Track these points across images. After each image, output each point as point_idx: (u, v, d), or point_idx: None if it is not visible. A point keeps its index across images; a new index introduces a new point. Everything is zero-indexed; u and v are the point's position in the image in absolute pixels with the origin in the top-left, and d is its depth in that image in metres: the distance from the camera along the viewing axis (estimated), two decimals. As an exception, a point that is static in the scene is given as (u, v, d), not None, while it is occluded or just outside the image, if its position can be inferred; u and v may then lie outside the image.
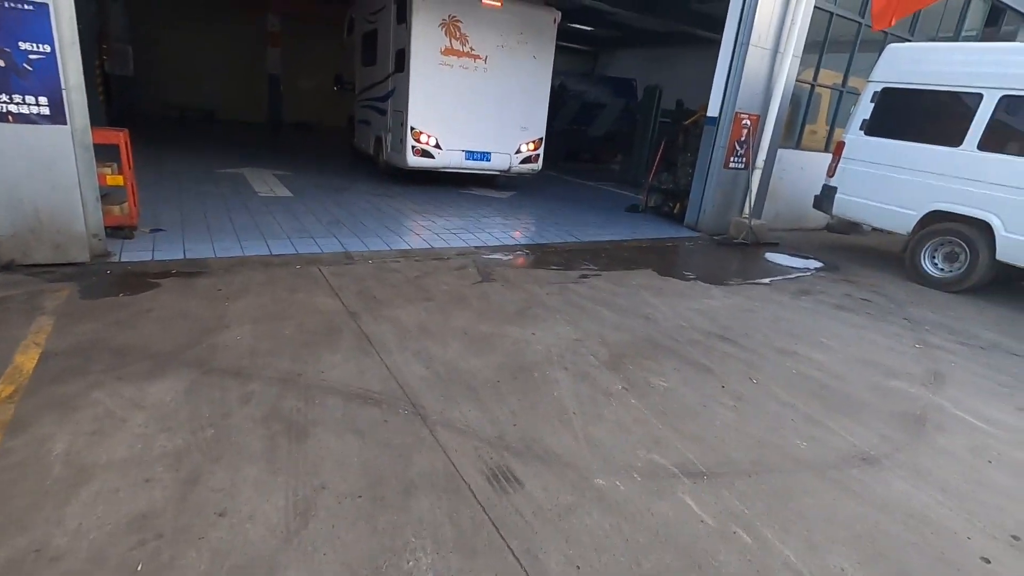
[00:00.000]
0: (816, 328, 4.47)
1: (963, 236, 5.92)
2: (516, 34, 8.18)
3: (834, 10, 8.04)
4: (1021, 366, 4.14)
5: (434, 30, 7.58)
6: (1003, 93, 5.63)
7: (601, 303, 4.46)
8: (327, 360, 3.07)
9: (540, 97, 8.79)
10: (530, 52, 8.41)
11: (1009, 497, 2.51)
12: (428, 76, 7.73)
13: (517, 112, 8.59)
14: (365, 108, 10.01)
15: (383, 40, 8.64)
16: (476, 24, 7.84)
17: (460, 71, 7.94)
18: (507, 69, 8.27)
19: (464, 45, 7.84)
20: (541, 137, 8.99)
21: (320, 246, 5.11)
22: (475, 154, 8.39)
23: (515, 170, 8.90)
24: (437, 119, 7.93)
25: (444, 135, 8.03)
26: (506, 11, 8.00)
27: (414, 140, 7.85)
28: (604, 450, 2.54)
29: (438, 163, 8.14)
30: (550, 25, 8.46)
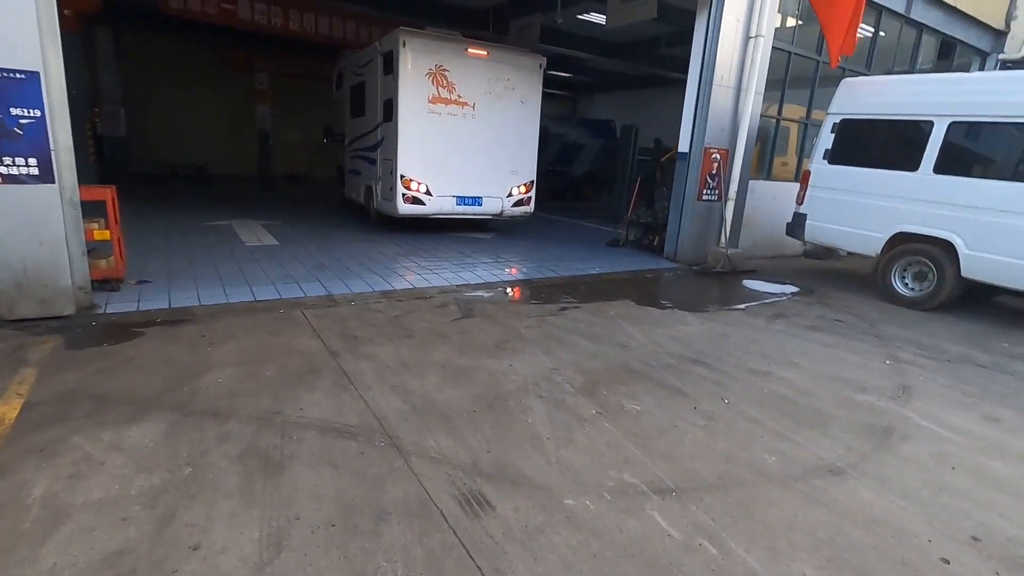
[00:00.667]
0: (788, 349, 4.59)
1: (929, 256, 6.13)
2: (503, 80, 8.31)
3: (792, 49, 8.53)
4: (987, 377, 4.25)
5: (421, 79, 7.70)
6: (951, 120, 5.96)
7: (578, 333, 4.57)
8: (306, 398, 3.14)
9: (529, 141, 8.90)
10: (517, 97, 8.55)
11: (970, 500, 2.58)
12: (417, 124, 7.81)
13: (507, 156, 8.66)
14: (355, 158, 10.12)
15: (371, 91, 8.79)
16: (463, 72, 7.98)
17: (448, 118, 8.02)
18: (495, 115, 8.38)
19: (452, 93, 7.96)
20: (532, 180, 9.08)
21: (304, 290, 5.23)
22: (466, 199, 8.44)
23: (507, 213, 8.94)
24: (427, 166, 7.99)
25: (434, 182, 8.09)
26: (492, 59, 8.18)
27: (404, 188, 7.91)
28: (575, 472, 2.60)
29: (429, 210, 8.17)
30: (536, 71, 8.65)
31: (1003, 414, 3.59)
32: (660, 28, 11.98)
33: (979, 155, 6.10)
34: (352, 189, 10.52)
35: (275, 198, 13.14)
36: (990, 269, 5.67)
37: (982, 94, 5.87)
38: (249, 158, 17.27)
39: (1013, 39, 11.86)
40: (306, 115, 17.70)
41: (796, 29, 8.54)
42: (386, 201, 8.38)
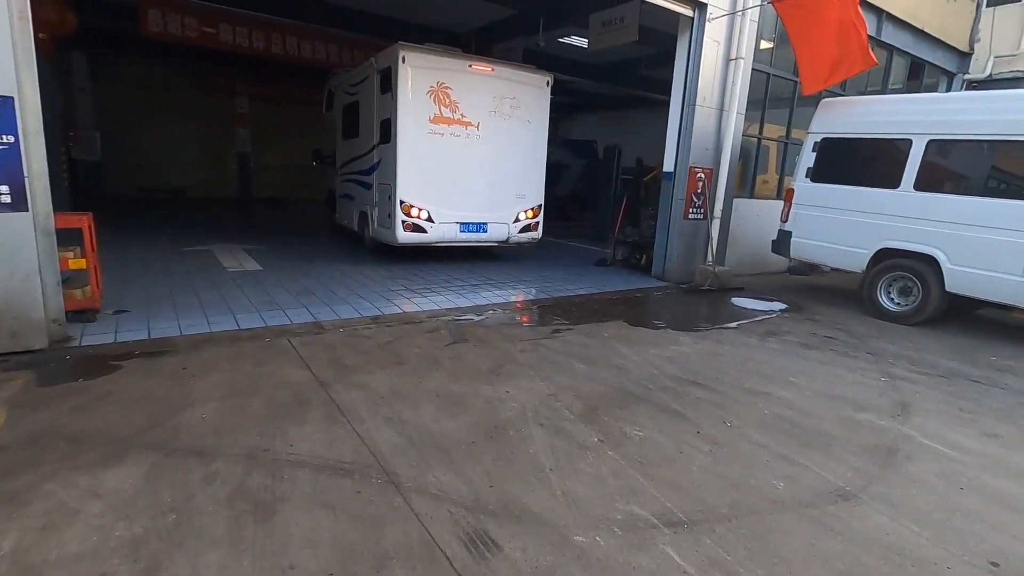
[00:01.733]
0: (784, 367, 4.56)
1: (913, 271, 6.22)
2: (509, 99, 7.84)
3: (770, 71, 8.72)
4: (980, 392, 4.27)
5: (422, 98, 7.19)
6: (929, 138, 6.10)
7: (574, 356, 4.49)
8: (296, 433, 2.99)
9: (536, 163, 8.40)
10: (524, 116, 8.07)
11: (983, 523, 2.54)
12: (417, 146, 7.26)
13: (513, 179, 8.16)
14: (348, 182, 9.52)
15: (366, 111, 8.28)
16: (467, 90, 7.48)
17: (451, 139, 7.51)
18: (501, 135, 7.88)
19: (455, 112, 7.44)
20: (540, 204, 8.55)
21: (290, 317, 5.08)
22: (470, 226, 7.89)
23: (514, 240, 8.37)
24: (428, 191, 7.45)
25: (437, 207, 7.53)
26: (497, 76, 7.73)
27: (404, 214, 7.34)
28: (582, 505, 2.50)
29: (431, 238, 7.60)
30: (543, 88, 8.19)
31: (1002, 429, 3.58)
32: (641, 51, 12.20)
33: (957, 172, 6.24)
34: (344, 215, 9.94)
35: (257, 222, 12.94)
36: (973, 283, 5.76)
37: (957, 113, 6.03)
38: (229, 182, 17.06)
39: (977, 60, 12.32)
40: (288, 138, 17.59)
41: (773, 52, 8.74)
42: (383, 229, 7.85)
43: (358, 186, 8.88)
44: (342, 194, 9.98)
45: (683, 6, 7.31)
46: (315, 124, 17.24)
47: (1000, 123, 5.64)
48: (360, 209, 8.88)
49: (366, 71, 8.16)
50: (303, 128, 17.39)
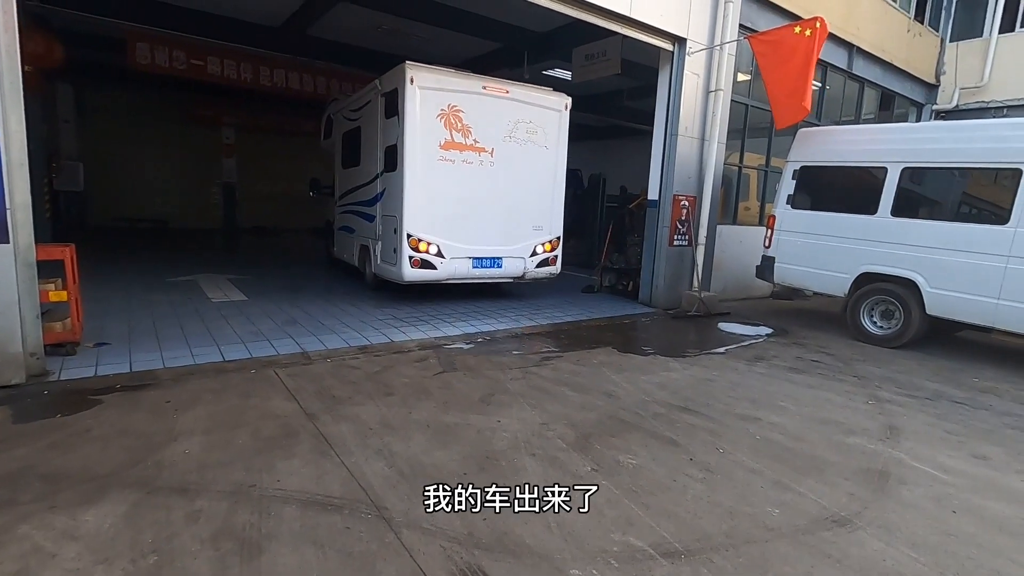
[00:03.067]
0: (773, 392, 4.58)
1: (894, 294, 6.34)
2: (525, 123, 7.23)
3: (748, 102, 8.99)
4: (966, 413, 4.32)
5: (432, 122, 6.56)
6: (904, 166, 6.30)
7: (564, 384, 4.47)
8: (283, 467, 2.92)
9: (555, 192, 7.74)
10: (541, 142, 7.44)
11: (977, 546, 2.54)
12: (426, 174, 6.62)
13: (530, 210, 7.50)
14: (348, 214, 8.83)
15: (369, 137, 7.67)
16: (480, 113, 6.85)
17: (463, 167, 6.86)
18: (517, 162, 7.25)
19: (467, 137, 6.81)
20: (559, 236, 7.86)
21: (276, 348, 5.00)
22: (484, 261, 7.20)
23: (530, 276, 7.65)
24: (438, 223, 6.78)
25: (447, 241, 6.84)
26: (513, 98, 7.10)
27: (411, 249, 6.64)
28: (578, 537, 2.45)
29: (441, 274, 6.90)
30: (562, 111, 7.57)
31: (990, 451, 3.62)
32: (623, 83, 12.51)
33: (931, 198, 6.45)
34: (343, 249, 9.22)
35: (243, 252, 12.85)
36: (952, 306, 5.89)
37: (928, 142, 6.26)
38: (214, 211, 16.96)
39: (944, 91, 12.85)
40: (274, 168, 17.63)
41: (751, 84, 9.04)
42: (387, 264, 7.14)
43: (359, 218, 8.27)
44: (341, 226, 9.31)
45: (663, 40, 7.55)
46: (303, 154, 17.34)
47: (969, 151, 5.86)
48: (361, 242, 8.25)
49: (369, 94, 7.62)
50: (290, 158, 17.45)
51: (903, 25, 11.57)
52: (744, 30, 8.04)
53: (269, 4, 9.11)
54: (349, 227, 8.86)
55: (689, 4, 7.46)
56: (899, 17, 11.44)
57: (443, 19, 9.35)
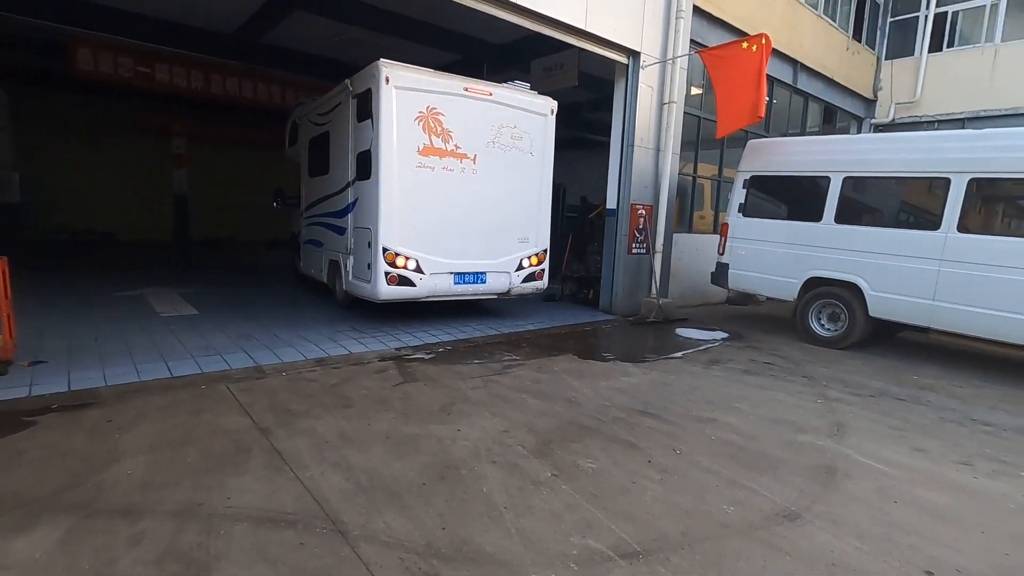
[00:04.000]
0: (728, 394, 4.71)
1: (840, 298, 6.63)
2: (509, 127, 6.78)
3: (701, 115, 9.31)
4: (907, 410, 4.54)
5: (409, 125, 6.04)
6: (845, 175, 6.63)
7: (525, 392, 4.48)
8: (234, 484, 2.82)
9: (541, 202, 7.30)
10: (526, 148, 6.98)
11: (917, 534, 2.66)
12: (404, 183, 6.08)
13: (515, 220, 7.03)
14: (315, 226, 8.21)
15: (339, 143, 7.10)
16: (461, 117, 6.37)
17: (444, 174, 6.34)
18: (501, 169, 6.77)
19: (447, 143, 6.31)
20: (545, 248, 7.40)
21: (228, 362, 4.83)
22: (467, 276, 6.68)
23: (516, 291, 7.16)
24: (417, 236, 6.25)
25: (427, 255, 6.32)
26: (496, 100, 6.63)
27: (388, 264, 6.09)
28: (537, 542, 2.45)
29: (420, 292, 6.35)
30: (547, 116, 7.15)
31: (928, 444, 3.81)
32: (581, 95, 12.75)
33: (871, 206, 6.79)
34: (311, 264, 8.58)
35: (195, 265, 12.40)
36: (892, 308, 6.20)
37: (868, 153, 6.60)
38: (164, 223, 16.34)
39: (881, 106, 13.61)
40: (229, 179, 17.14)
41: (703, 97, 9.36)
42: (360, 281, 6.57)
43: (328, 230, 7.65)
44: (308, 239, 8.67)
45: (618, 54, 7.75)
46: (259, 164, 16.96)
47: (905, 162, 6.22)
48: (330, 257, 7.61)
49: (339, 96, 7.04)
50: (246, 169, 17.02)
51: (842, 44, 12.23)
52: (695, 45, 8.34)
53: (221, 10, 8.91)
54: (317, 240, 8.24)
55: (642, 19, 7.69)
56: (838, 36, 12.09)
57: (403, 30, 9.34)
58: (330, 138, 7.47)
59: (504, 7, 6.39)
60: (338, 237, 7.25)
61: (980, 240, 5.58)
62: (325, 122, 7.66)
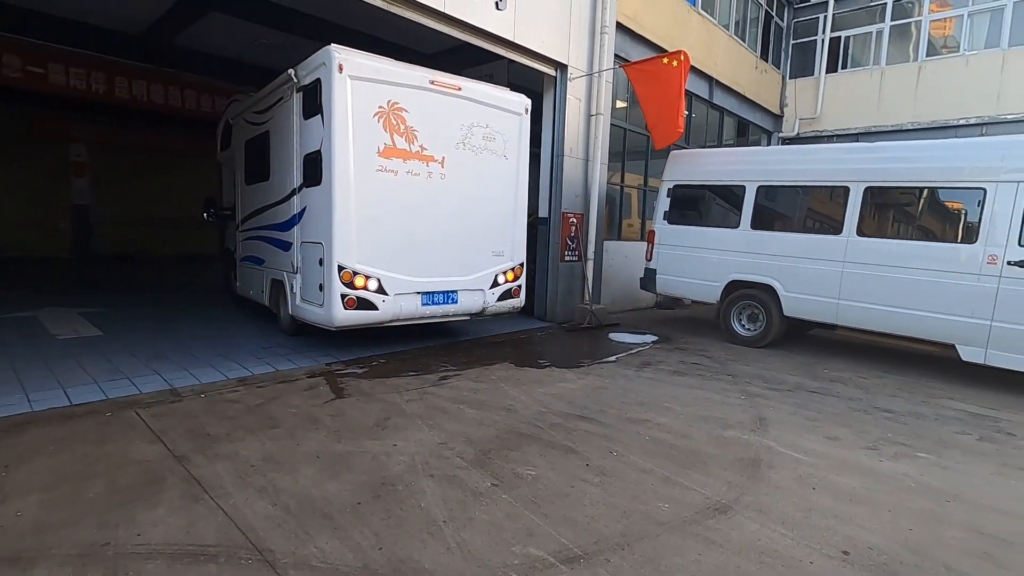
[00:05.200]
0: (660, 395, 4.87)
1: (758, 299, 7.05)
2: (481, 127, 6.12)
3: (626, 126, 9.67)
4: (820, 401, 4.87)
5: (368, 122, 5.28)
6: (759, 184, 7.08)
7: (463, 402, 4.42)
8: (145, 518, 2.58)
9: (517, 210, 6.65)
10: (499, 150, 6.34)
11: (833, 517, 2.84)
12: (361, 188, 5.29)
13: (489, 232, 6.35)
14: (254, 240, 7.16)
15: (281, 144, 6.20)
16: (427, 114, 5.66)
17: (408, 179, 5.59)
18: (472, 174, 6.09)
19: (412, 143, 5.58)
20: (522, 263, 6.77)
21: (138, 386, 4.45)
22: (436, 296, 5.92)
23: (491, 310, 6.47)
24: (378, 251, 5.46)
25: (390, 273, 5.52)
26: (467, 96, 5.98)
27: (344, 285, 5.26)
28: (479, 554, 2.40)
29: (383, 315, 5.54)
30: (522, 115, 6.56)
31: (839, 432, 4.10)
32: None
33: (782, 213, 7.28)
34: (249, 284, 7.54)
35: (99, 282, 11.39)
36: (803, 307, 6.66)
37: (778, 163, 7.10)
38: (62, 237, 14.94)
39: (787, 121, 14.70)
40: (139, 189, 15.93)
41: (628, 110, 9.73)
42: (311, 305, 5.65)
43: (270, 245, 6.65)
44: (245, 256, 7.59)
45: (547, 66, 7.91)
46: (174, 173, 15.90)
47: (809, 172, 6.74)
48: (273, 276, 6.61)
49: (280, 90, 6.12)
50: (159, 178, 15.90)
51: (752, 63, 13.12)
52: (619, 59, 8.67)
53: (127, 8, 8.32)
54: (256, 257, 7.16)
55: (568, 33, 7.90)
56: (748, 56, 12.97)
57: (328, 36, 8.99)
58: (270, 139, 6.57)
59: (434, 17, 6.38)
60: (282, 253, 6.30)
61: (875, 243, 6.11)
62: (264, 121, 6.74)
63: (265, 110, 6.67)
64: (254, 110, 7.05)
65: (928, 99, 12.64)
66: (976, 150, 5.78)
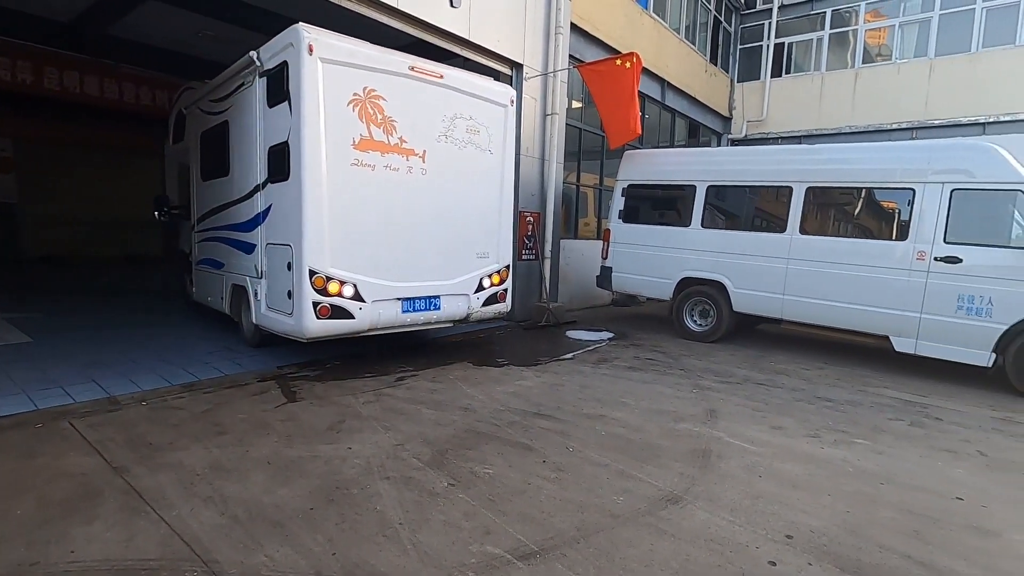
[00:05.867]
0: (616, 390, 4.96)
1: (709, 296, 7.27)
2: (464, 119, 5.71)
3: (582, 126, 9.79)
4: (766, 392, 5.07)
5: (341, 111, 4.81)
6: (709, 184, 7.30)
7: (420, 403, 4.38)
8: (80, 534, 2.44)
9: (502, 209, 6.26)
10: (484, 144, 5.94)
11: (778, 503, 2.96)
12: (335, 184, 4.81)
13: (473, 232, 5.94)
14: (212, 242, 6.57)
15: (242, 136, 5.67)
16: (407, 103, 5.22)
17: (386, 174, 5.13)
18: (455, 169, 5.69)
19: (390, 135, 5.13)
20: (508, 265, 6.36)
21: (72, 395, 4.20)
22: (417, 302, 5.46)
23: (475, 316, 6.06)
24: (354, 253, 4.98)
25: (367, 278, 5.04)
26: (448, 84, 5.54)
27: (316, 292, 4.75)
28: (435, 555, 2.39)
29: (360, 325, 5.04)
30: (507, 107, 6.18)
31: (784, 422, 4.28)
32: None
33: (731, 212, 7.54)
34: (206, 290, 6.91)
35: (26, 286, 10.68)
36: (751, 303, 6.92)
37: (727, 164, 7.34)
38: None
39: (735, 123, 15.22)
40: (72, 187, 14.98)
41: (583, 110, 9.86)
42: (278, 314, 5.12)
43: (230, 247, 6.08)
44: (202, 259, 6.98)
45: (502, 65, 7.92)
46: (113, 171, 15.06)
47: (756, 172, 7.00)
48: (234, 281, 6.02)
49: (241, 76, 5.58)
50: (96, 176, 14.99)
51: (701, 66, 13.52)
52: (574, 60, 8.76)
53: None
54: (214, 260, 6.57)
55: (524, 33, 7.93)
56: (698, 59, 13.35)
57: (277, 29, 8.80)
58: (230, 130, 5.97)
59: (388, 13, 6.28)
60: (244, 256, 5.73)
61: (817, 240, 6.41)
62: (222, 110, 6.14)
63: (223, 98, 6.10)
64: (211, 98, 6.44)
65: (864, 104, 13.35)
66: (906, 153, 6.14)
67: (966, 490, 3.23)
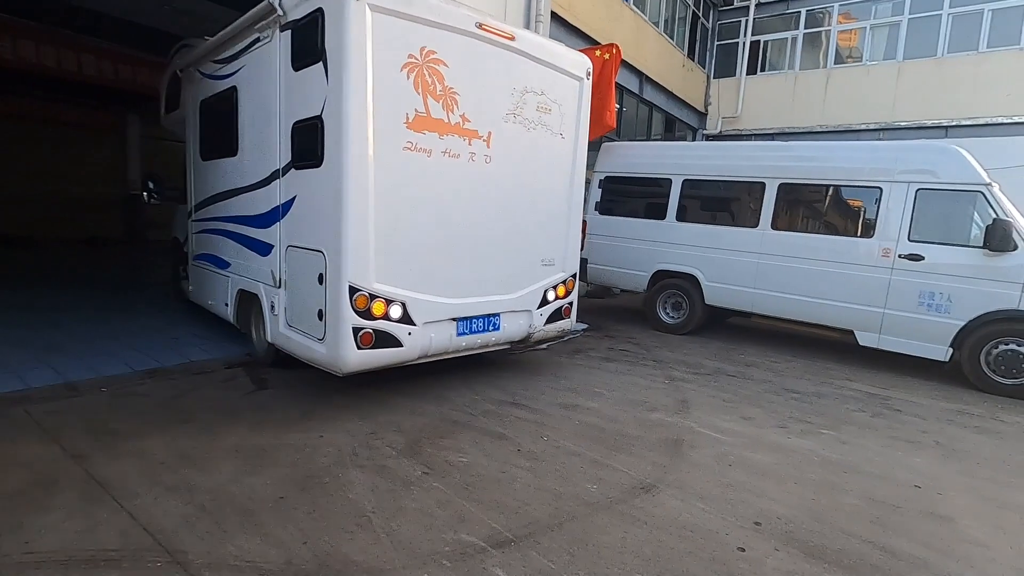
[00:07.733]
0: (591, 380, 4.99)
1: (682, 288, 7.37)
2: (536, 94, 4.58)
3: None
4: (736, 384, 5.17)
5: (393, 78, 3.66)
6: (683, 178, 7.37)
7: (394, 391, 4.33)
8: (35, 524, 2.34)
9: (572, 206, 5.15)
10: (556, 127, 4.83)
11: (747, 491, 3.03)
12: (383, 175, 3.67)
13: (540, 235, 4.83)
14: (213, 234, 5.45)
15: (256, 106, 4.48)
16: (471, 71, 4.08)
17: (444, 162, 4.00)
18: (523, 157, 4.58)
19: (451, 112, 3.99)
20: (574, 274, 5.25)
21: (27, 381, 4.03)
22: (474, 322, 4.38)
23: (538, 336, 4.96)
24: (404, 263, 3.88)
25: (417, 294, 3.94)
26: (519, 49, 4.39)
27: (358, 314, 3.63)
28: (409, 543, 2.36)
29: (409, 353, 3.95)
30: (583, 81, 5.04)
31: (753, 412, 4.37)
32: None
33: (706, 206, 7.63)
34: (205, 290, 5.78)
35: (-22, 266, 10.19)
36: (722, 296, 7.03)
37: (701, 159, 7.41)
38: (-66, 216, 13.20)
39: (711, 119, 15.41)
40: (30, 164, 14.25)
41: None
42: (303, 336, 3.99)
43: (238, 244, 4.93)
44: (200, 254, 5.85)
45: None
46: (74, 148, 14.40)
47: (729, 167, 7.09)
48: (243, 287, 4.84)
49: (258, 27, 4.32)
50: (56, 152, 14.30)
51: (679, 61, 13.62)
52: (553, 50, 8.69)
53: (10, -40, 7.41)
54: (216, 257, 5.40)
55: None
56: (676, 54, 13.44)
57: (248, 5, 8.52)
58: (238, 98, 4.74)
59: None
60: (257, 258, 4.58)
61: (787, 236, 6.54)
62: (229, 73, 4.87)
63: (231, 58, 4.83)
64: (214, 58, 5.13)
65: (835, 104, 13.65)
66: (875, 152, 6.29)
67: (924, 478, 3.35)
